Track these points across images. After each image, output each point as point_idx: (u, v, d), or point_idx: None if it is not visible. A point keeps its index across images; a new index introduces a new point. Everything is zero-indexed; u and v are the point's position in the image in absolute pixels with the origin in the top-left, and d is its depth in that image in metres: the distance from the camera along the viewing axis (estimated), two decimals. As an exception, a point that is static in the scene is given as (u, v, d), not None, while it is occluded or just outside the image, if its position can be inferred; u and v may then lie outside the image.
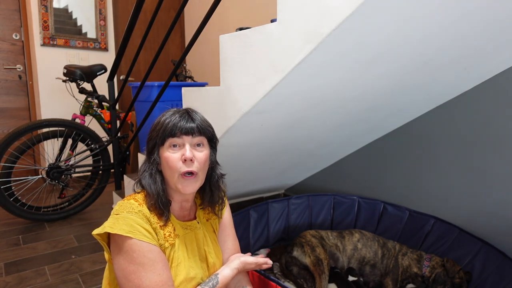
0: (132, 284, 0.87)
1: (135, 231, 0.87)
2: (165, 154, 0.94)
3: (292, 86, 1.18)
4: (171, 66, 4.03)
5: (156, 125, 0.97)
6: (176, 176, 0.94)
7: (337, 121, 1.68)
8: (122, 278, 0.88)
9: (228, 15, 3.27)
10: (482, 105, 1.64)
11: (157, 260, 0.89)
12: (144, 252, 0.87)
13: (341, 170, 2.33)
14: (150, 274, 0.87)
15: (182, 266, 0.96)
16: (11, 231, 2.40)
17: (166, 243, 0.95)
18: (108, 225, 0.89)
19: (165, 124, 0.94)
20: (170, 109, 1.01)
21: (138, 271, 0.87)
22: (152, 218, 0.94)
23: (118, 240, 0.89)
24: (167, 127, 0.93)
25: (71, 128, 2.53)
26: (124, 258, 0.88)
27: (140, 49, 1.93)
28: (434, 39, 1.16)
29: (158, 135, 0.95)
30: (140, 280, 0.86)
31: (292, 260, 1.69)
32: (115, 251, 0.90)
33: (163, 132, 0.93)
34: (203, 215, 1.12)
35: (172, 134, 0.93)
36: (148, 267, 0.87)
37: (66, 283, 1.78)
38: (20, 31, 3.30)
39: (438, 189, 1.85)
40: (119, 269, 0.89)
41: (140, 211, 0.92)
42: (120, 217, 0.89)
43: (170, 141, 0.94)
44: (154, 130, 0.97)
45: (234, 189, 2.18)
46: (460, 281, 1.53)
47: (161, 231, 0.94)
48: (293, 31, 1.03)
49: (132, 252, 0.87)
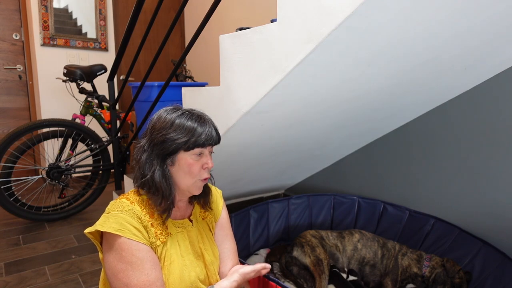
0: (121, 282, 0.88)
1: (124, 230, 0.89)
2: (189, 161, 0.95)
3: (292, 86, 1.18)
4: (171, 66, 4.03)
5: (177, 128, 0.93)
6: (195, 180, 0.97)
7: (337, 121, 1.68)
8: (112, 276, 0.89)
9: (228, 15, 3.27)
10: (482, 105, 1.64)
11: (145, 260, 0.89)
12: (133, 251, 0.88)
13: (341, 170, 2.33)
14: (138, 274, 0.88)
15: (175, 264, 0.97)
16: (11, 231, 2.40)
17: (158, 241, 0.95)
18: (99, 223, 0.91)
19: (196, 134, 0.93)
20: (185, 110, 0.97)
21: (126, 270, 0.88)
22: (144, 216, 0.94)
23: (108, 238, 0.90)
24: (200, 138, 0.93)
25: (71, 128, 2.53)
26: (114, 256, 0.89)
27: (140, 49, 1.93)
28: (434, 39, 1.16)
29: (188, 142, 0.92)
30: (128, 279, 0.87)
31: (292, 260, 1.69)
32: (106, 249, 0.92)
33: (195, 141, 0.93)
34: (199, 214, 1.12)
35: (203, 145, 0.94)
36: (136, 266, 0.88)
37: (66, 283, 1.78)
38: (20, 31, 3.30)
39: (438, 189, 1.85)
40: (109, 267, 0.90)
41: (130, 210, 0.93)
42: (111, 216, 0.91)
43: (198, 150, 0.95)
44: (176, 133, 0.93)
45: (234, 189, 2.18)
46: (460, 281, 1.52)
47: (152, 229, 0.95)
48: (293, 31, 1.03)
49: (121, 251, 0.88)
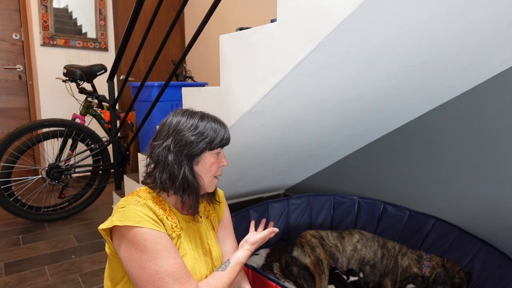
0: (149, 271, 0.87)
1: (144, 221, 0.89)
2: (212, 160, 1.03)
3: (292, 86, 1.18)
4: (171, 66, 4.03)
5: (204, 131, 1.00)
6: (211, 178, 1.05)
7: (337, 121, 1.68)
8: (136, 268, 0.88)
9: (228, 15, 3.27)
10: (482, 105, 1.64)
11: (169, 245, 0.91)
12: (156, 238, 0.89)
13: (341, 170, 2.33)
14: (165, 259, 0.88)
15: (188, 257, 0.98)
16: (11, 231, 2.40)
17: (173, 233, 0.97)
18: (116, 218, 0.89)
19: (219, 134, 1.02)
20: (202, 112, 1.05)
21: (153, 258, 0.87)
22: (158, 210, 0.96)
23: (127, 232, 0.89)
24: (224, 138, 1.03)
25: (71, 128, 2.53)
26: (136, 248, 0.88)
27: (140, 49, 1.93)
28: (434, 39, 1.16)
29: (213, 142, 1.00)
30: (157, 265, 0.87)
31: (292, 260, 1.69)
32: (123, 243, 0.90)
33: (220, 141, 1.02)
34: (203, 211, 1.14)
35: (222, 145, 1.04)
36: (163, 252, 0.88)
37: (66, 283, 1.78)
38: (20, 31, 3.30)
39: (438, 189, 1.85)
40: (131, 260, 0.89)
41: (145, 204, 0.94)
42: (127, 209, 0.91)
43: (219, 150, 1.04)
44: (203, 135, 0.99)
45: (234, 189, 2.18)
46: (460, 281, 1.52)
47: (168, 222, 0.96)
48: (293, 31, 1.03)
49: (144, 241, 0.88)
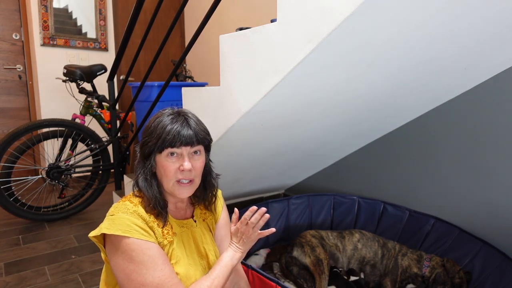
0: (135, 283, 0.87)
1: (131, 231, 0.88)
2: (163, 163, 0.94)
3: (292, 86, 1.18)
4: (171, 66, 4.03)
5: (153, 130, 0.94)
6: (172, 183, 0.95)
7: (337, 121, 1.68)
8: (124, 278, 0.88)
9: (228, 15, 3.27)
10: (482, 105, 1.64)
11: (157, 257, 0.89)
12: (143, 249, 0.88)
13: (341, 170, 2.33)
14: (151, 271, 0.87)
15: (181, 263, 0.97)
16: (11, 231, 2.40)
17: (165, 240, 0.95)
18: (104, 226, 0.89)
19: (164, 132, 0.92)
20: (164, 111, 0.97)
21: (139, 269, 0.87)
22: (149, 217, 0.94)
23: (115, 241, 0.89)
24: (167, 138, 0.91)
25: (71, 128, 2.53)
26: (123, 258, 0.88)
27: (140, 49, 1.93)
28: (433, 39, 1.16)
29: (157, 143, 0.92)
30: (143, 277, 0.86)
31: (292, 260, 1.69)
32: (112, 252, 0.90)
33: (163, 141, 0.91)
34: (200, 214, 1.12)
35: (172, 144, 0.92)
36: (149, 264, 0.87)
37: (66, 283, 1.78)
38: (20, 31, 3.30)
39: (438, 189, 1.85)
40: (119, 270, 0.89)
41: (135, 211, 0.92)
42: (116, 218, 0.90)
43: (169, 150, 0.93)
44: (151, 136, 0.93)
45: (234, 189, 2.17)
46: (460, 281, 1.52)
47: (159, 229, 0.95)
48: (293, 31, 1.03)
49: (131, 251, 0.87)
